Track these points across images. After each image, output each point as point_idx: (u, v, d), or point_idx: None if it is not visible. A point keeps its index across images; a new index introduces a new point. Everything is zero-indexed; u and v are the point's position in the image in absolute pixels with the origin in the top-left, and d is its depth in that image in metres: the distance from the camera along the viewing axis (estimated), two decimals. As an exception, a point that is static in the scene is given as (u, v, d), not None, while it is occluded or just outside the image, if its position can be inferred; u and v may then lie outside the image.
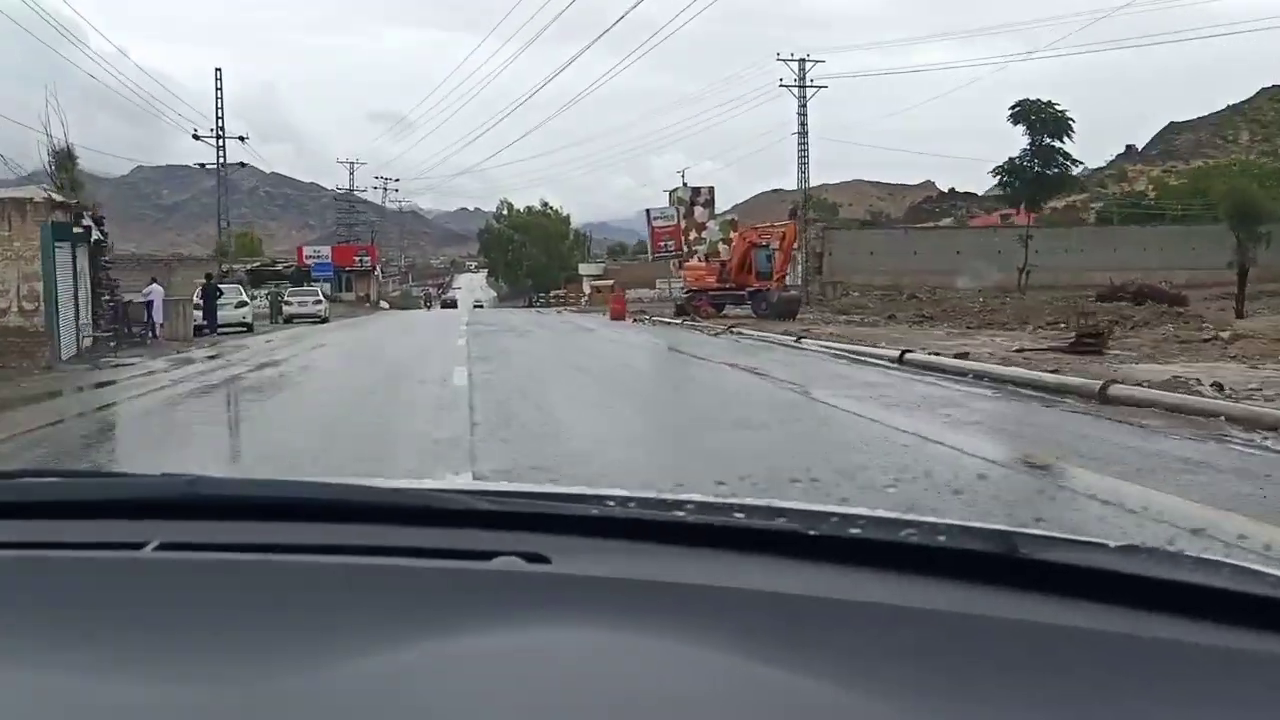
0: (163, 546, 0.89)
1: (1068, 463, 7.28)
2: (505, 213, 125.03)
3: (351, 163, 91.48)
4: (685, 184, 62.62)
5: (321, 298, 43.69)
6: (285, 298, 43.99)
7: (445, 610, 0.75)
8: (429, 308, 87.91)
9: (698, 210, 59.30)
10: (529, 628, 0.73)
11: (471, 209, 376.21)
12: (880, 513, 1.04)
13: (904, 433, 8.87)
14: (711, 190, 62.81)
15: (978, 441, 8.52)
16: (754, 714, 0.62)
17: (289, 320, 40.30)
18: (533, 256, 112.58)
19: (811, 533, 0.92)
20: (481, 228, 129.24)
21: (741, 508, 1.01)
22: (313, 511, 0.99)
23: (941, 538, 0.90)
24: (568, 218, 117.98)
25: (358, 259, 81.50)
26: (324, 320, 41.20)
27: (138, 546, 0.89)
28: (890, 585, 0.84)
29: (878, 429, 9.24)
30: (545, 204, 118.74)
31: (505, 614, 0.74)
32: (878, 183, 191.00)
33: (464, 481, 2.18)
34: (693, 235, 59.27)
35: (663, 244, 56.91)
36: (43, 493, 1.09)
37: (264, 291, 49.01)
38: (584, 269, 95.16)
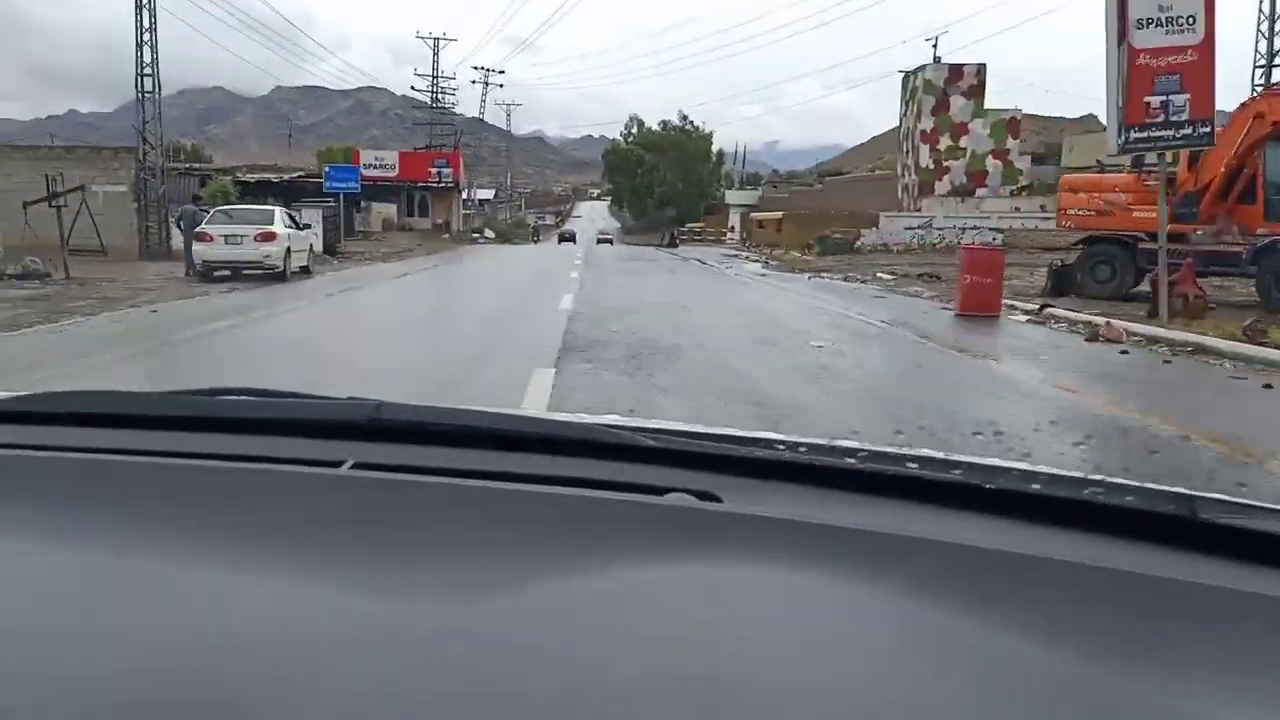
0: (357, 466, 0.92)
1: None
2: (634, 131, 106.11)
3: (486, 74, 72.03)
4: (937, 59, 41.14)
5: (282, 226, 20.72)
6: (198, 228, 20.55)
7: (622, 541, 0.75)
8: (537, 240, 69.23)
9: (955, 102, 38.81)
10: (702, 563, 0.71)
11: (598, 136, 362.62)
12: (1059, 470, 1.00)
13: None
14: (981, 70, 41.09)
15: None
16: (924, 660, 0.61)
17: (205, 272, 19.76)
18: (667, 181, 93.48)
19: (989, 486, 0.89)
20: (606, 149, 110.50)
21: (915, 458, 0.98)
22: (488, 440, 0.99)
23: (1129, 499, 0.87)
24: (709, 135, 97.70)
25: (435, 171, 58.99)
26: (281, 275, 20.02)
27: (334, 464, 0.91)
28: (1066, 542, 0.81)
29: None
30: (685, 118, 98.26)
31: (679, 548, 0.73)
32: None
33: (635, 420, 1.15)
34: (943, 142, 38.11)
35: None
36: (241, 409, 1.11)
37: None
38: (733, 197, 75.54)
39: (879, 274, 24.54)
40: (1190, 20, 12.36)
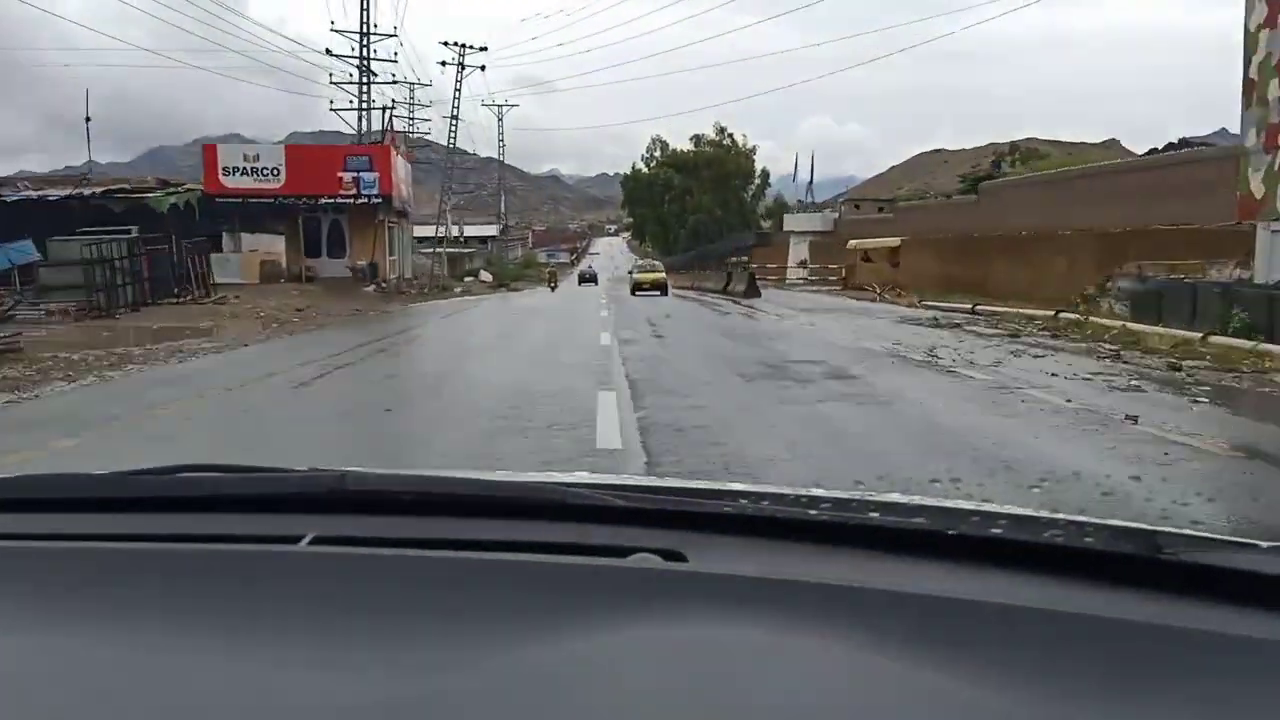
0: (316, 540, 0.89)
1: None
2: (657, 154, 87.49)
3: (461, 51, 50.95)
4: None
5: None
6: None
7: (585, 607, 0.74)
8: (554, 286, 50.19)
9: None
10: (667, 625, 0.70)
11: (612, 173, 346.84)
12: (1020, 510, 1.01)
13: None
14: None
15: None
16: (889, 714, 0.60)
17: None
18: (702, 207, 74.45)
19: (950, 532, 0.88)
20: (625, 174, 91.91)
21: (877, 505, 0.99)
22: (454, 506, 0.99)
23: (1088, 539, 0.87)
24: (753, 150, 78.58)
25: (346, 179, 35.91)
26: None
27: (293, 540, 0.89)
28: (1028, 586, 0.80)
29: None
30: (722, 130, 79.07)
31: (644, 611, 0.72)
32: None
33: (598, 476, 1.33)
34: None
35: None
36: (198, 488, 1.08)
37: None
38: (795, 221, 56.17)
39: None
40: None
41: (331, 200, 36.17)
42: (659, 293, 33.99)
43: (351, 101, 43.66)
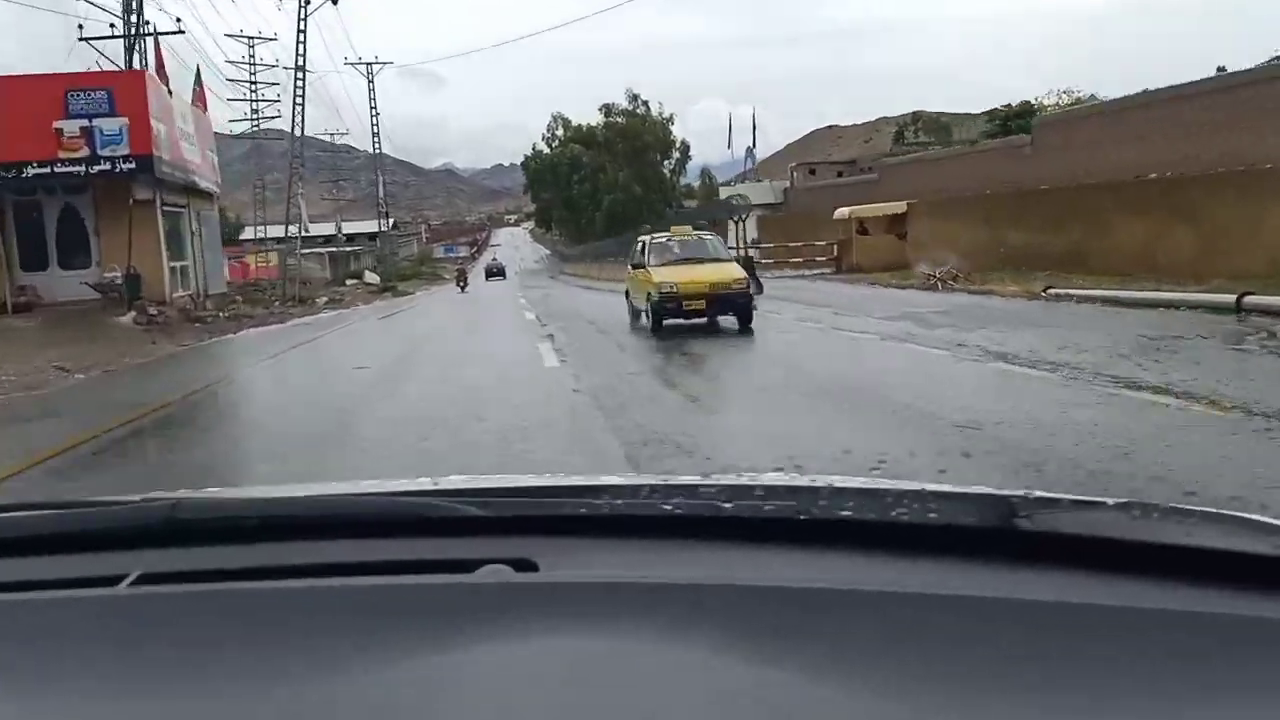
0: (141, 579, 0.82)
1: None
2: (559, 132, 77.10)
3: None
4: None
5: None
6: None
7: (434, 627, 0.71)
8: (464, 286, 41.05)
9: None
10: (518, 640, 0.68)
11: (507, 164, 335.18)
12: (873, 483, 1.00)
13: None
14: None
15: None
16: (746, 714, 0.59)
17: None
18: (618, 185, 64.41)
19: (801, 517, 0.88)
20: (527, 155, 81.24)
21: (731, 490, 0.97)
22: (298, 529, 0.93)
23: (932, 514, 0.86)
24: (670, 119, 68.49)
25: (69, 131, 20.23)
26: None
27: (114, 581, 0.82)
28: (880, 567, 0.80)
29: None
30: (636, 98, 68.76)
31: (495, 627, 0.69)
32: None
33: (463, 480, 1.13)
34: None
35: None
36: (11, 528, 0.98)
37: None
38: (747, 191, 46.36)
39: None
40: None
41: (48, 168, 20.55)
42: (733, 317, 12.52)
43: (115, 27, 26.93)
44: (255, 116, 54.17)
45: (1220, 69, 27.04)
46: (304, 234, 39.18)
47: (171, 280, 21.98)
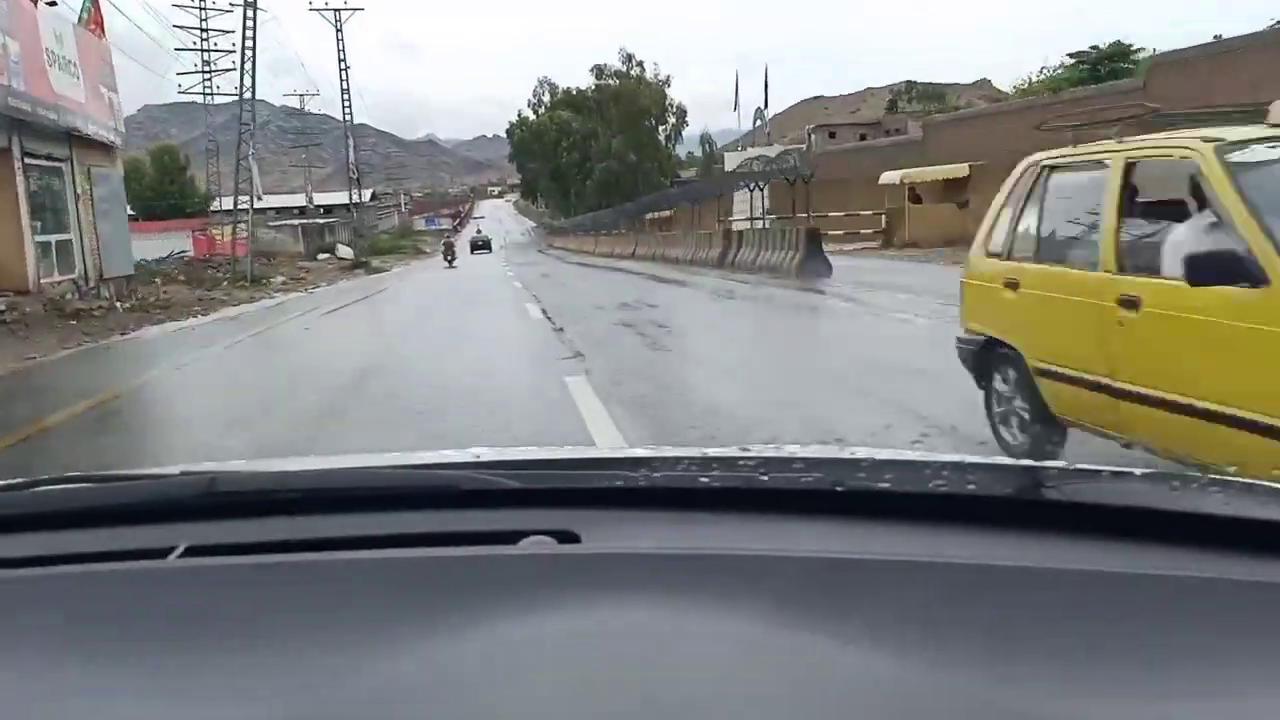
0: (188, 552, 0.83)
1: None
2: (545, 97, 71.98)
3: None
4: None
5: None
6: None
7: (478, 600, 0.70)
8: (452, 261, 37.83)
9: None
10: (563, 611, 0.67)
11: (491, 135, 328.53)
12: (909, 455, 1.01)
13: None
14: None
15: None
16: (789, 684, 0.59)
17: None
18: (611, 153, 59.36)
19: (839, 489, 0.88)
20: (512, 122, 76.01)
21: (768, 462, 0.97)
22: (336, 502, 0.94)
23: (971, 486, 0.87)
24: (666, 81, 63.25)
25: None
26: None
27: (162, 553, 0.83)
28: (918, 538, 0.80)
29: None
30: (629, 58, 63.41)
31: (538, 598, 0.70)
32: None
33: (496, 452, 1.14)
34: None
35: None
36: (57, 501, 0.99)
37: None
38: (738, 162, 41.30)
39: None
40: None
41: None
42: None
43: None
44: (207, 69, 48.63)
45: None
46: (256, 204, 33.97)
47: (42, 261, 15.88)
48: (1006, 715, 0.56)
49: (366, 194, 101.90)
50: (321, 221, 77.06)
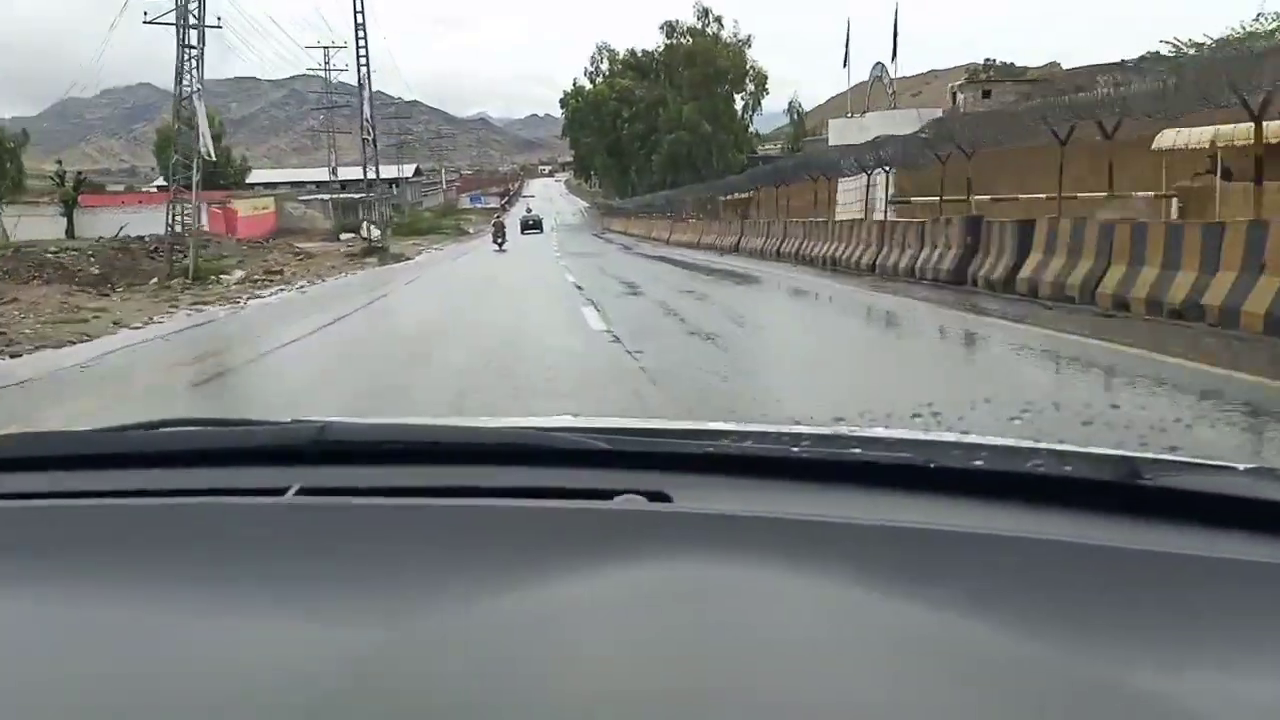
0: (301, 492, 0.87)
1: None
2: (604, 65, 63.37)
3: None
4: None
5: None
6: None
7: (572, 550, 0.72)
8: (502, 244, 32.13)
9: None
10: (655, 565, 0.69)
11: (542, 115, 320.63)
12: (1002, 441, 1.00)
13: None
14: None
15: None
16: (875, 648, 0.59)
17: None
18: (685, 121, 50.47)
19: (931, 465, 0.88)
20: (566, 91, 67.51)
21: (859, 440, 0.98)
22: (435, 455, 0.97)
23: (1067, 467, 0.86)
24: (746, 41, 53.94)
25: None
26: None
27: (279, 492, 0.87)
28: (1011, 515, 0.80)
29: None
30: (706, 13, 53.92)
31: (631, 552, 0.70)
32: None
33: (582, 419, 1.19)
34: None
35: None
36: (181, 442, 1.05)
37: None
38: (847, 131, 32.10)
39: None
40: None
41: None
42: None
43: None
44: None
45: None
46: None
47: None
48: (1095, 686, 0.55)
49: (410, 169, 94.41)
50: (357, 196, 69.49)
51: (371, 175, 40.17)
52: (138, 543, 0.79)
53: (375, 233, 48.83)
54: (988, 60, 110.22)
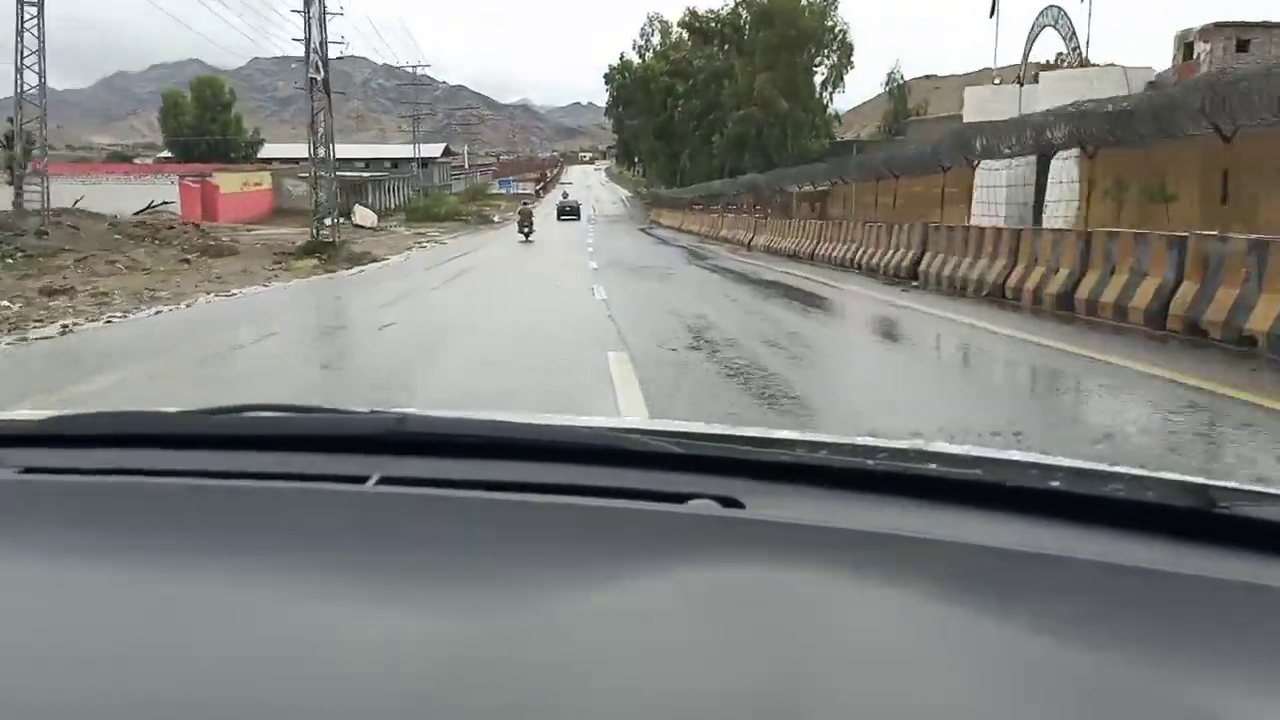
0: (383, 480, 0.88)
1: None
2: (655, 40, 54.04)
3: None
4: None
5: None
6: None
7: (646, 550, 0.72)
8: (528, 234, 27.54)
9: None
10: (728, 570, 0.68)
11: (585, 103, 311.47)
12: (1077, 463, 0.96)
13: None
14: None
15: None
16: (945, 663, 0.58)
17: None
18: (758, 94, 40.56)
19: (1007, 484, 0.85)
20: (611, 66, 57.98)
21: (934, 456, 0.95)
22: (513, 450, 0.96)
23: (1148, 493, 0.83)
24: (832, 2, 43.65)
25: None
26: None
27: (361, 480, 0.87)
28: (1085, 538, 0.77)
29: None
30: None
31: (704, 556, 0.70)
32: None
33: (654, 422, 1.21)
34: None
35: None
36: (265, 426, 1.06)
37: None
38: (993, 101, 21.47)
39: None
40: None
41: None
42: None
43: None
44: None
45: None
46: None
47: None
48: (1168, 714, 0.54)
49: (438, 149, 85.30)
50: (368, 176, 60.31)
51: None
52: (218, 523, 0.80)
53: (368, 217, 39.77)
54: (1216, 24, 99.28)
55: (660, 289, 13.01)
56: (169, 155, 69.54)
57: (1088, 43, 26.63)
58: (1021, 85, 26.13)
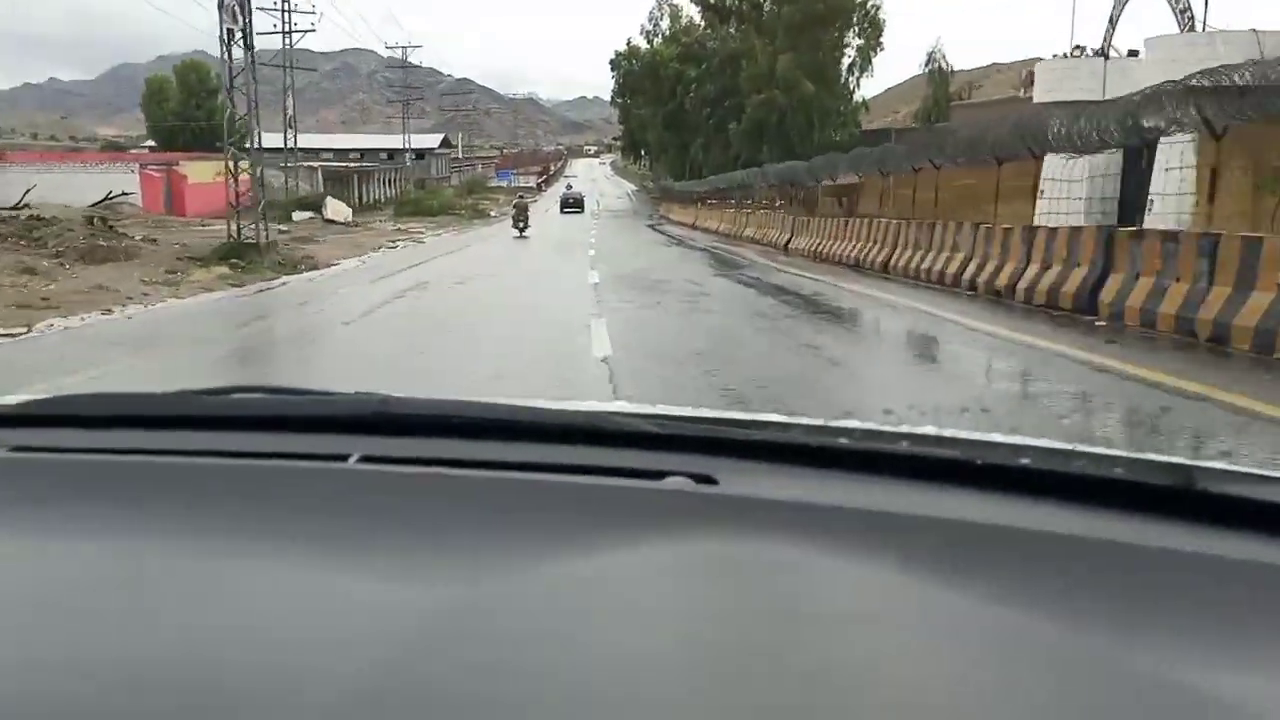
0: (364, 459, 0.89)
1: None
2: (664, 24, 49.91)
3: None
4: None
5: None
6: None
7: (620, 525, 0.73)
8: (522, 229, 25.69)
9: None
10: (701, 543, 0.70)
11: (591, 96, 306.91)
12: (1050, 443, 0.96)
13: None
14: None
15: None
16: (911, 630, 0.59)
17: None
18: (781, 78, 36.27)
19: (978, 462, 0.85)
20: (618, 51, 53.77)
21: (907, 436, 0.95)
22: (492, 430, 0.97)
23: (1118, 470, 0.83)
24: None
25: None
26: None
27: (341, 458, 0.89)
28: (1055, 514, 0.78)
29: None
30: None
31: (677, 530, 0.72)
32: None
33: (633, 406, 1.13)
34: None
35: None
36: (251, 407, 1.07)
37: None
38: (1075, 79, 18.05)
39: None
40: None
41: None
42: None
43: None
44: None
45: None
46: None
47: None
48: (1134, 683, 0.55)
49: (435, 140, 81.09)
50: (354, 166, 55.92)
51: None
52: (204, 500, 0.80)
53: (343, 211, 35.53)
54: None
55: (695, 331, 8.81)
56: (153, 144, 65.57)
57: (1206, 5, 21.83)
58: (1106, 59, 21.83)
